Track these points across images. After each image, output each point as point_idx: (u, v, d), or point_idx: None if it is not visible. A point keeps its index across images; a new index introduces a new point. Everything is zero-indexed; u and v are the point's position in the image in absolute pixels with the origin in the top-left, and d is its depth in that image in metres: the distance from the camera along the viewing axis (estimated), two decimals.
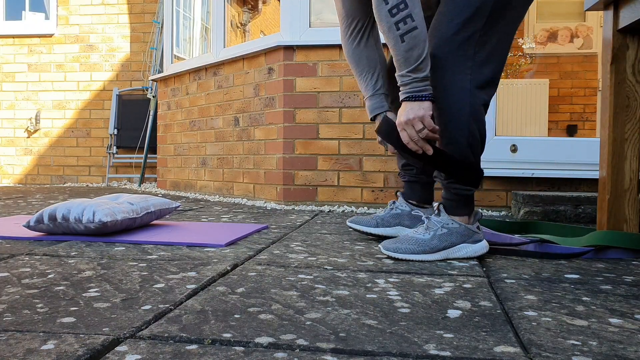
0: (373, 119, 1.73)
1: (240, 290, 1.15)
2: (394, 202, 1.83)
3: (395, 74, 1.47)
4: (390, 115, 1.68)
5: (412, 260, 1.46)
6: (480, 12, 1.44)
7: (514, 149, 2.76)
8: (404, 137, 1.47)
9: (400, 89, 1.46)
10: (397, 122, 1.48)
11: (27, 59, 5.30)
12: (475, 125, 1.47)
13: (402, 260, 1.47)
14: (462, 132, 1.46)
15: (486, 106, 1.51)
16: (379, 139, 1.72)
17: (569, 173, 2.68)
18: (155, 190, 4.29)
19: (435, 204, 1.50)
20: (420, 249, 1.45)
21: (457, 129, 1.46)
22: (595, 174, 2.61)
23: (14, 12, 5.39)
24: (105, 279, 1.23)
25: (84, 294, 1.10)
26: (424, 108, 1.42)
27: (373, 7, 1.44)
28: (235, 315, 0.97)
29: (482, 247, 1.52)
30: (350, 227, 1.84)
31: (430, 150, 1.45)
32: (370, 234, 1.80)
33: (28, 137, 5.32)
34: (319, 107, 2.96)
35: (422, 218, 1.52)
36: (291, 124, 3.00)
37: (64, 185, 5.16)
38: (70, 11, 5.25)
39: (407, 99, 1.44)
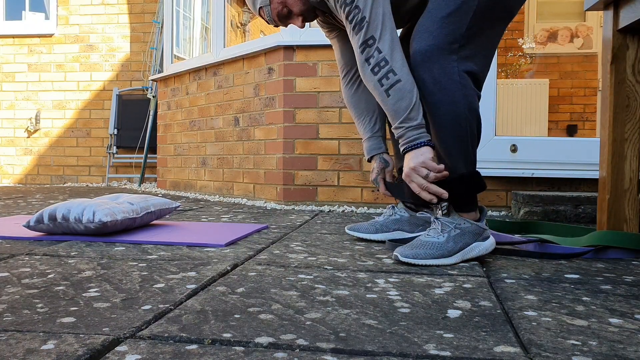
0: (370, 160, 1.80)
1: (240, 290, 1.15)
2: (393, 208, 1.83)
3: (392, 129, 1.51)
4: (386, 156, 1.78)
5: (433, 265, 1.41)
6: (464, 9, 1.44)
7: (514, 148, 2.76)
8: (414, 188, 1.46)
9: (399, 142, 1.48)
10: (403, 176, 1.49)
11: (27, 59, 5.30)
12: (472, 116, 1.46)
13: (421, 266, 1.40)
14: (462, 129, 1.45)
15: (478, 97, 1.50)
16: (373, 177, 1.78)
17: (569, 173, 2.68)
18: (155, 190, 4.29)
19: (443, 204, 1.49)
20: (439, 253, 1.42)
21: (457, 124, 1.45)
22: (595, 174, 2.61)
23: (14, 12, 5.39)
24: (105, 279, 1.23)
25: (84, 294, 1.10)
26: (423, 153, 1.44)
27: (359, 69, 1.51)
28: (235, 315, 0.97)
29: (492, 243, 1.52)
30: (350, 235, 1.85)
31: (445, 195, 1.43)
32: (371, 241, 1.81)
33: (28, 137, 5.32)
34: (319, 107, 2.96)
35: (431, 220, 1.52)
36: (291, 124, 3.00)
37: (64, 185, 5.17)
38: (70, 11, 5.25)
39: (405, 150, 1.47)
